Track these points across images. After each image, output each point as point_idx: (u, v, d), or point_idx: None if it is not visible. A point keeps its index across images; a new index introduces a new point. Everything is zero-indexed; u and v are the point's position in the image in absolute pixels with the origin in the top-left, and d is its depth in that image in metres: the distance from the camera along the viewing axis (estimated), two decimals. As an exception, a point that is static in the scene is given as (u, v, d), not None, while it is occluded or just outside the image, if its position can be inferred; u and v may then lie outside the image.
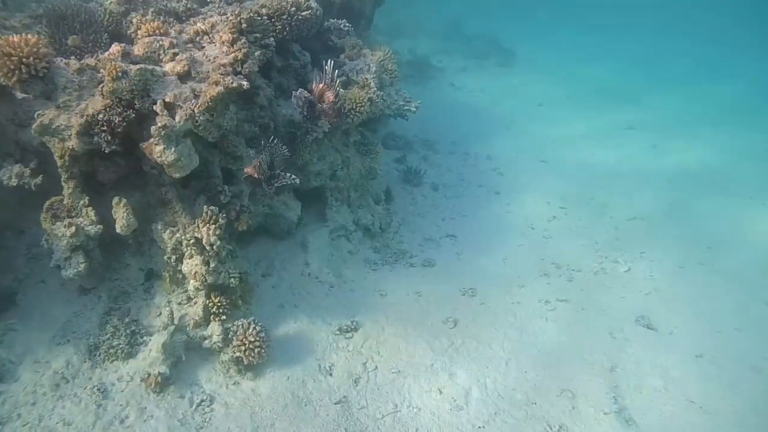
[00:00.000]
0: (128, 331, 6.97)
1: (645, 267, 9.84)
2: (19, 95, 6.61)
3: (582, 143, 15.66)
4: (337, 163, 9.08)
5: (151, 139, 5.96)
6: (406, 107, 9.53)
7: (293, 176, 6.97)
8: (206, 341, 6.89)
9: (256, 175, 6.67)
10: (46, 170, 6.83)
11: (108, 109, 5.92)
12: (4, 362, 6.73)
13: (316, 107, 7.61)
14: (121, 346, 6.87)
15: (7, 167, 6.81)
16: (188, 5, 8.07)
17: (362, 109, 8.32)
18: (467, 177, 12.80)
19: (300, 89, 7.89)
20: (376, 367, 7.18)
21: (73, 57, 6.69)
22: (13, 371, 6.68)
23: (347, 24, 9.90)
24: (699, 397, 7.09)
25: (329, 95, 7.45)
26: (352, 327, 7.69)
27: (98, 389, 6.53)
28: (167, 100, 5.96)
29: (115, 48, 6.27)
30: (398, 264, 9.28)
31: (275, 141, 6.94)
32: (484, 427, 6.47)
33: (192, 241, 6.46)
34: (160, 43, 6.50)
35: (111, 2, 8.43)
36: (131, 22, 7.76)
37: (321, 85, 7.67)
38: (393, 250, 9.56)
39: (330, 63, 7.62)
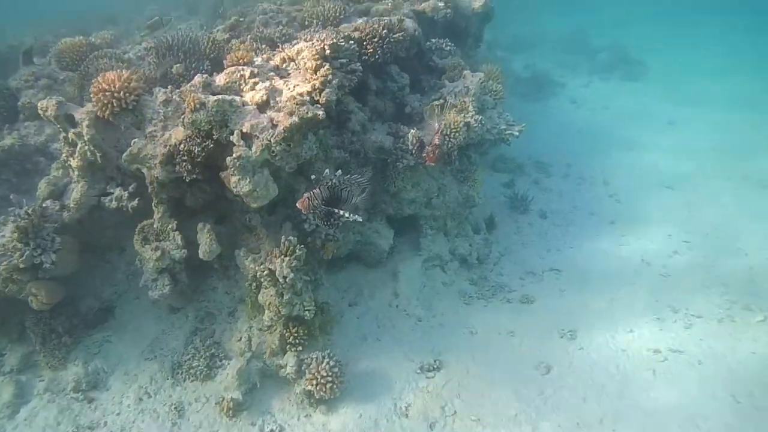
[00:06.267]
0: (208, 353, 7.16)
1: (788, 318, 8.40)
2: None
3: (717, 166, 14.04)
4: (433, 190, 8.71)
5: (228, 170, 5.97)
6: (508, 131, 8.95)
7: (356, 216, 5.64)
8: (282, 370, 6.87)
9: (304, 212, 5.64)
10: (143, 193, 7.14)
11: (188, 140, 6.06)
12: (99, 371, 7.27)
13: (425, 148, 7.47)
14: (200, 367, 7.08)
15: (109, 190, 7.19)
16: (284, 31, 8.15)
17: (458, 135, 7.88)
18: (580, 204, 11.89)
19: (415, 129, 7.84)
20: (455, 413, 6.75)
21: (170, 86, 6.90)
22: (105, 380, 7.20)
23: (450, 43, 9.55)
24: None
25: (435, 139, 7.29)
26: (435, 366, 7.32)
27: (176, 408, 6.77)
28: (244, 130, 5.96)
29: (198, 79, 6.39)
30: (494, 298, 8.74)
31: (338, 172, 5.73)
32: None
33: (266, 273, 6.40)
34: (241, 72, 6.52)
35: (218, 30, 8.72)
36: (231, 48, 7.91)
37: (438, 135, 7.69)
38: (491, 283, 9.04)
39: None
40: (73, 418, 6.70)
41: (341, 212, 5.57)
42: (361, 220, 5.67)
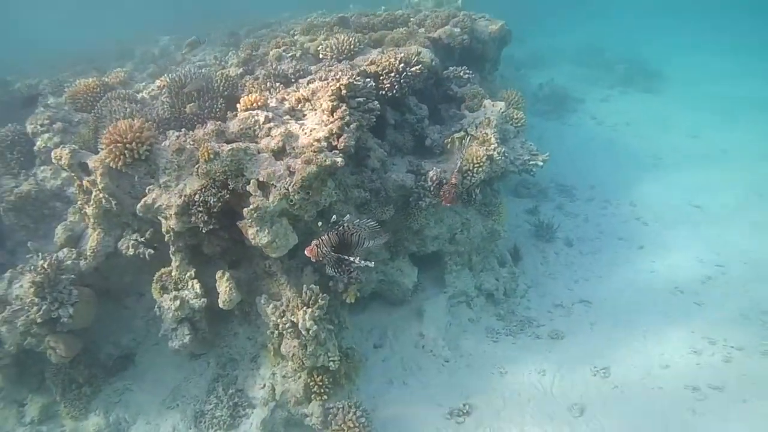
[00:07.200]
0: (231, 403, 6.93)
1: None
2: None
3: (746, 181, 13.51)
4: (457, 225, 8.45)
5: (246, 220, 5.77)
6: (532, 162, 8.65)
7: (367, 262, 5.23)
8: (307, 419, 6.63)
9: (313, 259, 5.26)
10: (161, 238, 6.97)
11: (203, 190, 5.86)
12: (120, 421, 7.09)
13: (443, 187, 7.28)
14: (223, 417, 6.85)
15: (126, 237, 7.04)
16: (298, 66, 7.96)
17: (480, 169, 7.62)
18: (606, 228, 11.56)
19: (435, 167, 7.63)
20: (487, 461, 6.48)
21: (183, 129, 6.73)
22: (127, 431, 7.01)
23: (468, 71, 9.31)
24: None
25: (453, 179, 7.10)
26: (464, 411, 7.04)
27: (199, 459, 6.55)
28: (260, 179, 5.76)
29: (211, 126, 6.22)
30: (523, 334, 8.44)
31: (347, 216, 5.39)
32: None
33: (288, 325, 6.17)
34: (255, 118, 6.34)
35: (231, 65, 8.58)
36: (244, 85, 7.76)
37: (457, 174, 7.46)
38: (518, 318, 8.75)
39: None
40: (95, 470, 6.51)
41: (351, 259, 5.27)
42: (372, 265, 5.28)
